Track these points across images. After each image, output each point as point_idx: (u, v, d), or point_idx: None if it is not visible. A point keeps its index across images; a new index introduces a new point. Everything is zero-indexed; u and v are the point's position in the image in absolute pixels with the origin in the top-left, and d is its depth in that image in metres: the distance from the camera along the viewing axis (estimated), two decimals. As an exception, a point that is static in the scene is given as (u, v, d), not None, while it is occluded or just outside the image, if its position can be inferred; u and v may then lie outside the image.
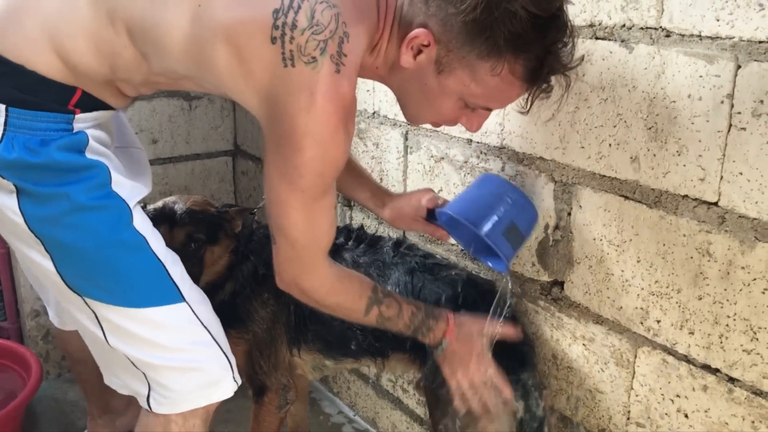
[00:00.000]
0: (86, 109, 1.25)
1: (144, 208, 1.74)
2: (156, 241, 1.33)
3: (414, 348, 1.63)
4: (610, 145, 1.38)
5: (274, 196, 1.23)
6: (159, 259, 1.32)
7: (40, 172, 1.20)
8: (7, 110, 1.18)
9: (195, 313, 1.37)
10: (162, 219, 1.70)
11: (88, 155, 1.25)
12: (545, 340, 1.61)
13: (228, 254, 1.79)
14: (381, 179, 2.03)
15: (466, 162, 1.72)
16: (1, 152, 1.18)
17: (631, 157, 1.35)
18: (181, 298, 1.34)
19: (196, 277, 1.70)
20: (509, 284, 1.52)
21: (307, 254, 1.28)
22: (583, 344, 1.52)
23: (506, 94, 1.23)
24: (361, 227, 1.84)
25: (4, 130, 1.18)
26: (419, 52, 1.18)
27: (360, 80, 2.01)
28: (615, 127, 1.36)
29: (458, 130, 1.72)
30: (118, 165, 1.33)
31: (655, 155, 1.31)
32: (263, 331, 1.81)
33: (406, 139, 1.90)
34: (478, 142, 1.67)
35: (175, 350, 1.35)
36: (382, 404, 2.23)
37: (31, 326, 2.44)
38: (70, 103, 1.22)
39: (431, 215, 1.56)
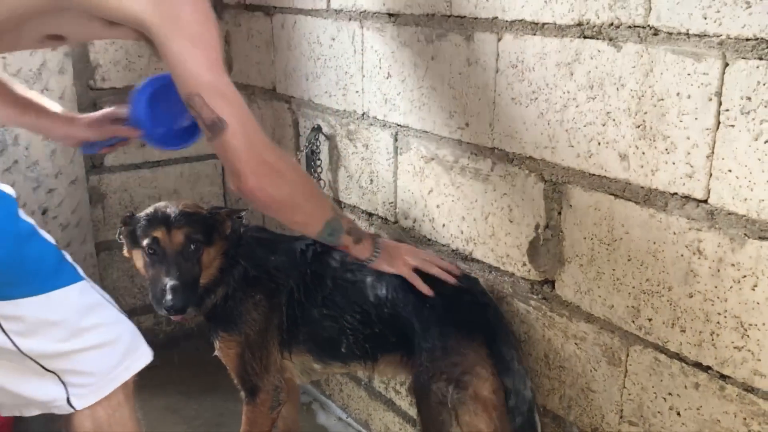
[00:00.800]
0: None
1: (132, 215, 1.73)
2: (40, 226, 1.32)
3: (404, 350, 1.63)
4: (599, 143, 1.38)
5: (195, 70, 1.24)
6: (51, 243, 1.31)
7: None
8: None
9: (95, 288, 1.37)
10: (158, 222, 1.69)
11: None
12: (537, 340, 1.61)
13: (221, 256, 1.78)
14: (371, 180, 2.02)
15: (456, 162, 1.71)
16: None
17: (621, 156, 1.35)
18: (80, 276, 1.34)
19: (195, 279, 1.70)
20: None
21: (249, 114, 1.30)
22: (575, 343, 1.52)
23: None
24: None
25: None
26: None
27: (349, 82, 2.01)
28: (604, 125, 1.36)
29: (448, 131, 1.72)
30: None
31: (644, 153, 1.31)
32: (255, 333, 1.80)
33: (396, 140, 1.90)
34: (468, 143, 1.67)
35: (90, 328, 1.34)
36: (375, 406, 2.23)
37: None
38: None
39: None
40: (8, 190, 1.29)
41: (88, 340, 1.33)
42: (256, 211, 2.48)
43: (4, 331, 1.26)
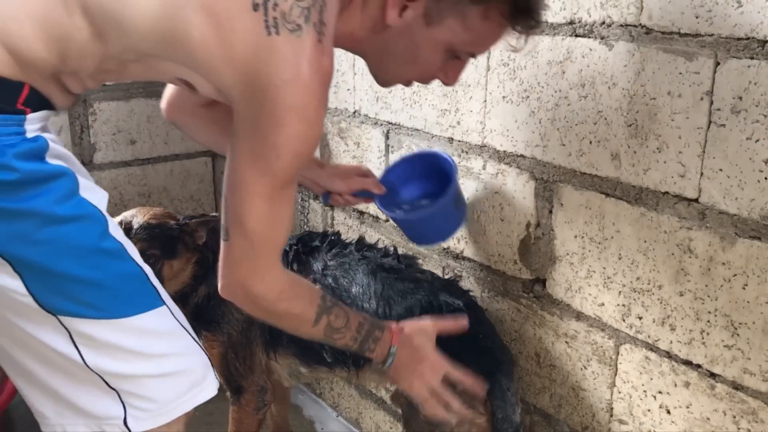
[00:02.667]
0: (35, 109, 1.13)
1: None
2: (131, 247, 1.26)
3: None
4: (590, 142, 1.38)
5: (239, 182, 1.15)
6: (139, 265, 1.25)
7: (4, 187, 1.09)
8: None
9: (174, 315, 1.32)
10: None
11: (50, 161, 1.15)
12: (528, 339, 1.61)
13: (192, 266, 1.77)
14: (362, 178, 2.02)
15: (447, 160, 1.71)
16: None
17: (612, 155, 1.35)
18: (161, 301, 1.29)
19: None
20: None
21: (263, 251, 1.20)
22: (566, 342, 1.52)
23: (493, 36, 1.22)
24: (338, 233, 1.83)
25: None
26: (404, 8, 1.16)
27: (341, 80, 2.00)
28: (595, 124, 1.36)
29: (439, 129, 1.71)
30: (79, 167, 1.25)
31: (635, 152, 1.31)
32: (238, 333, 1.79)
33: (387, 138, 1.89)
34: (459, 141, 1.67)
35: (161, 357, 1.29)
36: (366, 404, 2.22)
37: (8, 330, 2.40)
38: (19, 101, 1.10)
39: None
40: (102, 202, 1.23)
41: (157, 367, 1.28)
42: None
43: (74, 342, 1.21)
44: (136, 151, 2.62)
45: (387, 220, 1.97)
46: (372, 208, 2.01)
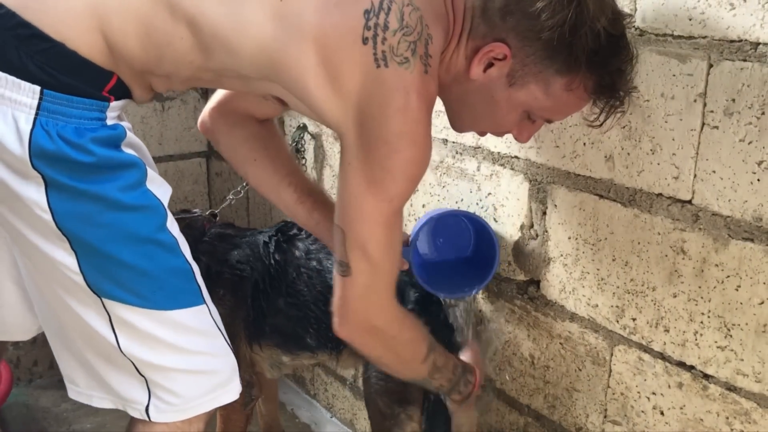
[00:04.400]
0: (117, 98, 1.17)
1: None
2: (183, 244, 1.29)
3: None
4: (584, 144, 1.39)
5: (357, 211, 1.16)
6: (188, 262, 1.28)
7: (76, 167, 1.12)
8: (42, 92, 1.09)
9: (212, 315, 1.34)
10: None
11: (125, 149, 1.18)
12: (522, 340, 1.61)
13: None
14: (356, 180, 2.02)
15: (441, 162, 1.71)
16: (37, 140, 1.09)
17: (606, 156, 1.35)
18: (201, 300, 1.31)
19: None
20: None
21: (386, 280, 1.21)
22: (560, 343, 1.52)
23: (573, 107, 1.23)
24: None
25: (37, 114, 1.09)
26: (490, 65, 1.17)
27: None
28: (589, 126, 1.36)
29: (434, 130, 1.71)
30: (149, 158, 1.28)
31: (629, 154, 1.31)
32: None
33: (381, 139, 1.89)
34: (453, 142, 1.67)
35: (194, 353, 1.31)
36: (360, 405, 2.22)
37: (1, 332, 2.39)
38: (105, 89, 1.15)
39: None
40: (165, 196, 1.26)
41: (188, 363, 1.31)
42: (227, 209, 2.47)
43: (112, 327, 1.24)
44: (130, 151, 2.61)
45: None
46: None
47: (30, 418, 2.28)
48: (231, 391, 1.39)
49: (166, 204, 1.25)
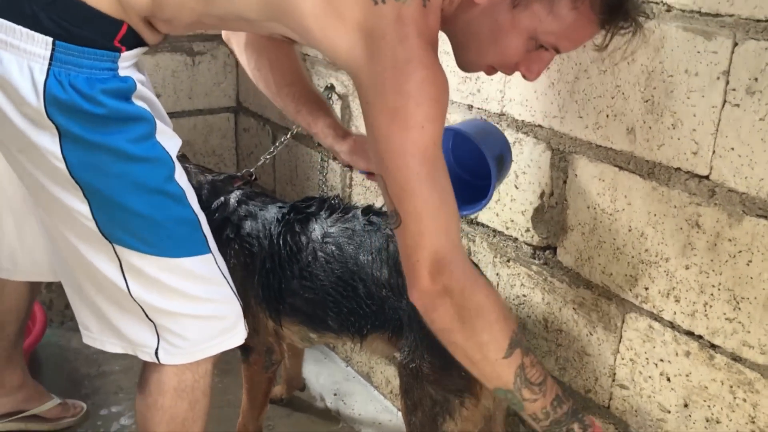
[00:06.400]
0: (129, 47, 1.20)
1: None
2: (191, 194, 1.34)
3: (392, 329, 1.59)
4: (607, 116, 1.41)
5: (387, 150, 1.09)
6: (195, 212, 1.33)
7: (88, 118, 1.16)
8: (54, 44, 1.12)
9: (217, 264, 1.39)
10: None
11: (136, 102, 1.22)
12: (536, 303, 1.66)
13: None
14: (382, 141, 2.05)
15: (466, 127, 1.74)
16: (51, 89, 1.12)
17: (628, 129, 1.38)
18: (208, 249, 1.37)
19: None
20: None
21: (438, 223, 1.09)
22: (573, 308, 1.57)
23: (581, 32, 1.19)
24: (337, 196, 1.82)
25: (50, 65, 1.12)
26: None
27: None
28: (613, 98, 1.39)
29: (459, 96, 1.74)
30: (160, 111, 1.32)
31: (650, 128, 1.34)
32: None
33: (407, 102, 1.92)
34: (478, 108, 1.70)
35: (202, 300, 1.37)
36: (377, 359, 2.30)
37: (35, 275, 2.48)
38: (116, 38, 1.17)
39: None
40: (174, 149, 1.30)
41: (195, 309, 1.37)
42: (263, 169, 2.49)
43: (123, 272, 1.30)
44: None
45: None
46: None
47: (62, 358, 2.38)
48: (236, 335, 1.46)
49: (174, 156, 1.29)
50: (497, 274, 1.74)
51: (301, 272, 1.65)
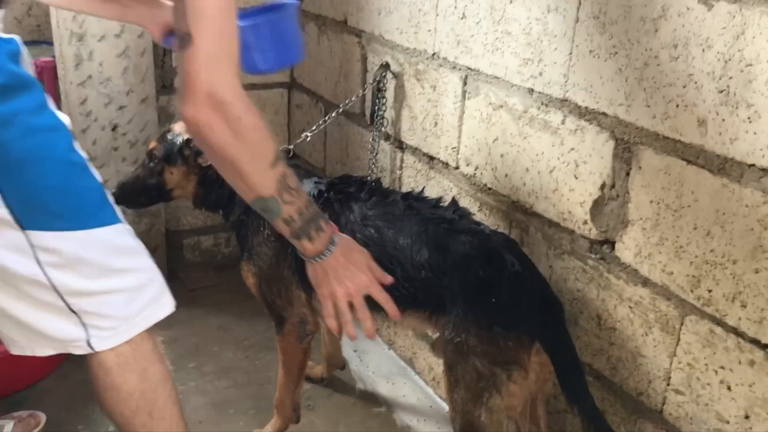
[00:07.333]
0: None
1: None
2: (90, 163, 1.32)
3: (432, 308, 1.60)
4: (677, 105, 1.33)
5: None
6: (98, 180, 1.32)
7: None
8: None
9: (130, 233, 1.38)
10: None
11: (25, 68, 1.18)
12: (590, 299, 1.59)
13: (193, 183, 1.89)
14: (435, 123, 2.00)
15: (525, 112, 1.67)
16: None
17: (699, 120, 1.29)
18: (118, 218, 1.36)
19: (144, 187, 1.89)
20: None
21: (227, 48, 1.12)
22: (629, 307, 1.50)
23: None
24: (378, 180, 1.78)
25: None
26: None
27: (422, 20, 1.96)
28: (684, 87, 1.30)
29: (520, 79, 1.67)
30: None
31: (724, 120, 1.25)
32: (267, 267, 1.83)
33: (465, 83, 1.86)
34: (540, 93, 1.63)
35: (122, 272, 1.36)
36: (420, 345, 2.26)
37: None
38: None
39: None
40: (65, 120, 1.30)
41: (117, 282, 1.35)
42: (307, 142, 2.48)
43: (39, 263, 1.27)
44: (215, 77, 2.65)
45: (457, 167, 1.95)
46: (442, 154, 1.99)
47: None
48: (164, 306, 1.44)
49: (69, 126, 1.27)
50: (550, 267, 1.68)
51: None
